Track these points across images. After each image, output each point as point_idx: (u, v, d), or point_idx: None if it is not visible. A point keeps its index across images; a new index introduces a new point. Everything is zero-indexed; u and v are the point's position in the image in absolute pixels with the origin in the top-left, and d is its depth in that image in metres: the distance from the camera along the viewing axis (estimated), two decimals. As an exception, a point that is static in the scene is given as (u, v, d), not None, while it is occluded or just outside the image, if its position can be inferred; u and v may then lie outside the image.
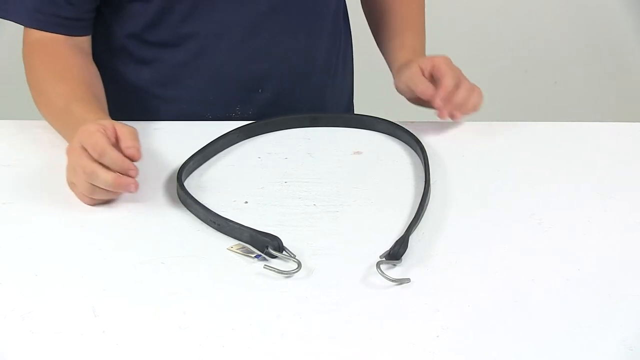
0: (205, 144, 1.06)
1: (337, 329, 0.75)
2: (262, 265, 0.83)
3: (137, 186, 0.91)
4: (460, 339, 0.74)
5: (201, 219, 0.91)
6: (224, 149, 1.08)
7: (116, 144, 0.93)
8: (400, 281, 0.81)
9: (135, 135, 0.94)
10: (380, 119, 1.14)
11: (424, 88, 1.08)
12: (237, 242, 0.88)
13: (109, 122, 0.95)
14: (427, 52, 1.15)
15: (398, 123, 1.12)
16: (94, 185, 0.91)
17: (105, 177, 0.90)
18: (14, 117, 1.16)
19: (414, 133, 1.09)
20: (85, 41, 1.14)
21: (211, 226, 0.91)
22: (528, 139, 1.13)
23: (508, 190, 0.99)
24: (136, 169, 0.91)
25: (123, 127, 0.94)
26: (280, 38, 1.18)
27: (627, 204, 0.96)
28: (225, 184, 0.98)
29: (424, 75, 1.10)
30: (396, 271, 0.83)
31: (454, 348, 0.73)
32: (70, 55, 1.11)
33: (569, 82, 2.41)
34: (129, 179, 0.91)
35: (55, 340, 0.74)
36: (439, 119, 1.09)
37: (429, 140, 1.07)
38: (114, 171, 0.90)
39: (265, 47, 1.18)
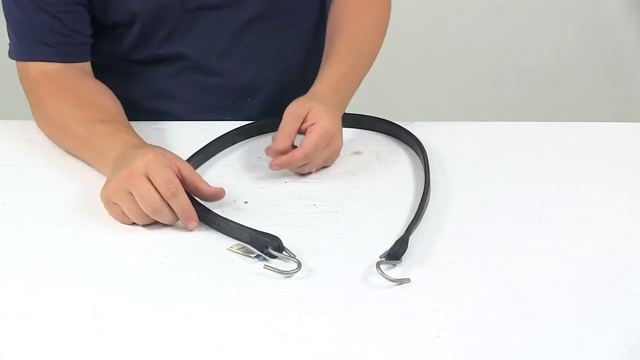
0: (205, 144, 1.06)
1: (337, 329, 0.75)
2: (262, 265, 0.83)
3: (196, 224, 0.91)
4: (460, 339, 0.74)
5: (201, 219, 0.91)
6: (224, 149, 1.09)
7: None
8: (400, 281, 0.81)
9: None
10: (380, 119, 1.14)
11: (278, 141, 0.99)
12: (237, 242, 0.88)
13: (172, 156, 0.92)
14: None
15: (398, 123, 1.12)
16: (148, 215, 0.89)
17: (171, 218, 0.89)
18: (14, 117, 1.16)
19: (414, 133, 1.09)
20: (87, 66, 1.13)
21: (211, 226, 0.91)
22: (528, 139, 1.13)
23: (508, 190, 0.99)
24: (197, 222, 0.90)
25: (186, 165, 0.93)
26: (264, 47, 1.18)
27: (627, 204, 0.96)
28: (225, 184, 0.98)
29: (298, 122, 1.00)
30: (396, 271, 0.83)
31: (454, 348, 0.73)
32: (78, 80, 1.09)
33: (569, 82, 2.41)
34: (192, 222, 0.89)
35: (55, 340, 0.74)
36: (438, 119, 1.09)
37: (429, 140, 1.07)
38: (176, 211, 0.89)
39: (249, 56, 1.18)
